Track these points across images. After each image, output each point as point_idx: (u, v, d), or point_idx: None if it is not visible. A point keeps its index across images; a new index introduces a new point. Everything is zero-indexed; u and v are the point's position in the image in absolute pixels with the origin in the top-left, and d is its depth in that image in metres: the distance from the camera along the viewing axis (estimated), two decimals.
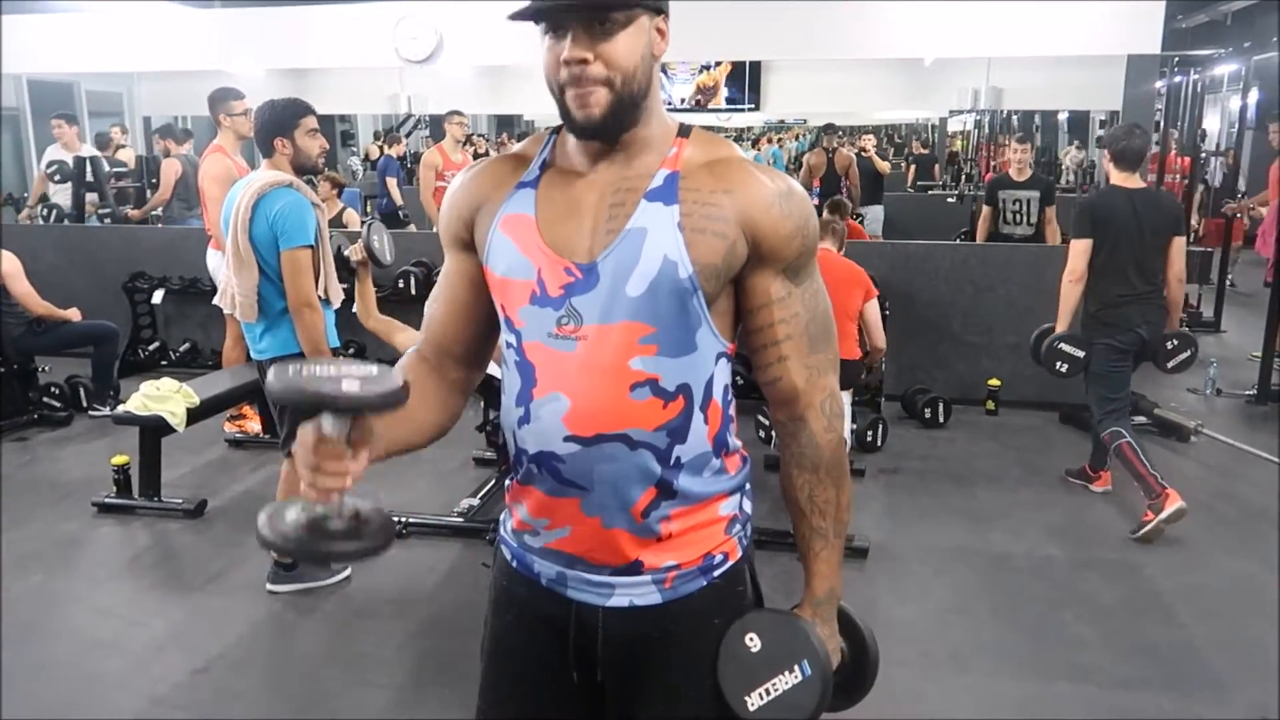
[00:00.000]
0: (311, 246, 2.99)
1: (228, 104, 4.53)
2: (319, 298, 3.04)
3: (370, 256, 3.36)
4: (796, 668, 1.19)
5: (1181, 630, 3.03)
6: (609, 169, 1.18)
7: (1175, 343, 3.86)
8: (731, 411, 1.25)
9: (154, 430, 3.88)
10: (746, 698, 1.20)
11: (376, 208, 8.53)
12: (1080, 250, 3.80)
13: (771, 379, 1.23)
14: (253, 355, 3.18)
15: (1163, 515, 3.58)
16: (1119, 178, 3.84)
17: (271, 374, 0.99)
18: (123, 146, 8.19)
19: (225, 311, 3.19)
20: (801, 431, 1.24)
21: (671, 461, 1.17)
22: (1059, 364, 3.92)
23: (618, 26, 1.10)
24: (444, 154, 6.45)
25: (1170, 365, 3.87)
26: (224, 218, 3.11)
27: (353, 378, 0.97)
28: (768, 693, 1.19)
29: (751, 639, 1.21)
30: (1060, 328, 3.91)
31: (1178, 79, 7.69)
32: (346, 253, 3.41)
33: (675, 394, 1.16)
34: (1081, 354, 3.88)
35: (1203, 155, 7.64)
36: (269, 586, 3.23)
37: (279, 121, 3.03)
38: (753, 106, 8.76)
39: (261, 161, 3.11)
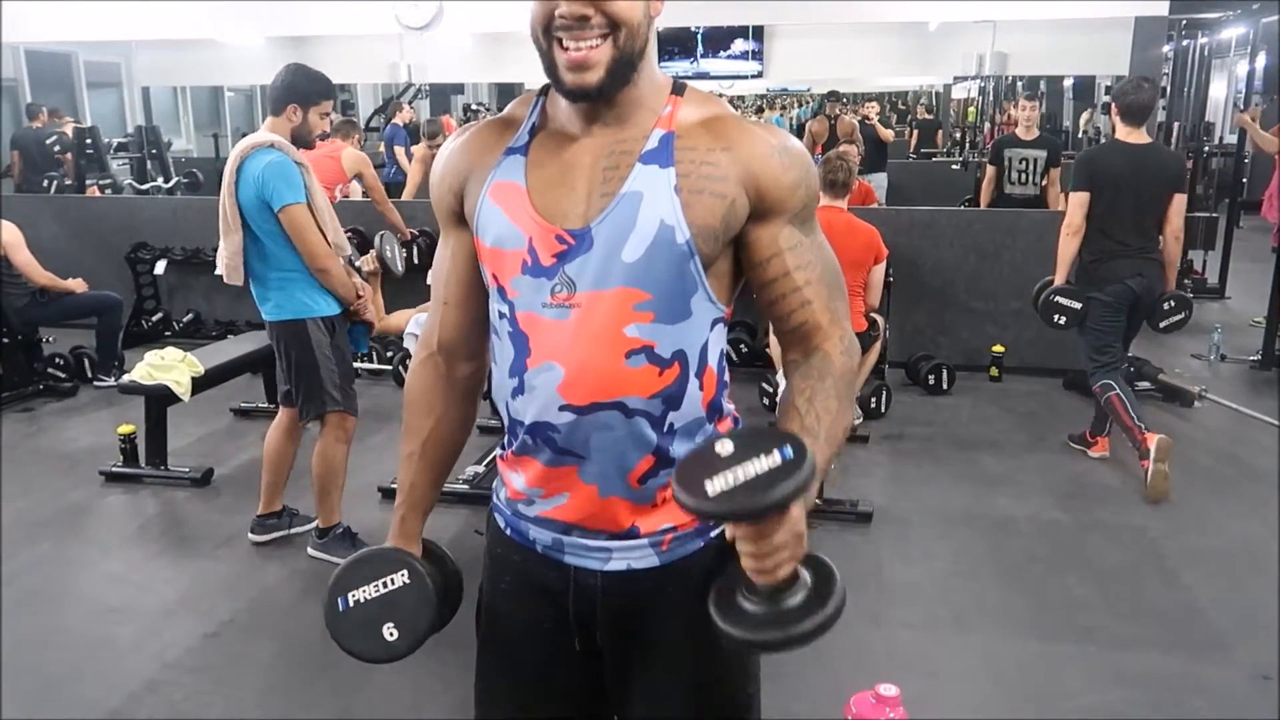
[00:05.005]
0: (303, 203, 2.97)
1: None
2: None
3: (382, 266, 3.39)
4: (775, 451, 0.93)
5: (1185, 592, 3.05)
6: (602, 131, 1.13)
7: (1172, 303, 3.84)
8: (726, 377, 1.23)
9: (159, 399, 3.89)
10: (707, 482, 0.92)
11: (384, 176, 8.48)
12: (1078, 203, 3.79)
13: (795, 324, 1.17)
14: (263, 317, 3.15)
15: (1153, 456, 3.61)
16: (1124, 132, 3.82)
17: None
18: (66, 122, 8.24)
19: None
20: (815, 354, 1.18)
21: (666, 428, 1.15)
22: (1056, 316, 3.91)
23: None
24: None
25: (1163, 325, 3.84)
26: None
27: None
28: (735, 477, 0.92)
29: (723, 444, 0.96)
30: (1058, 280, 3.90)
31: (1185, 42, 7.59)
32: (358, 263, 3.41)
33: (671, 360, 1.13)
34: (1078, 305, 3.86)
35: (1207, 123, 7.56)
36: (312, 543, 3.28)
37: (304, 91, 3.05)
38: (757, 74, 8.68)
39: (265, 121, 3.10)
